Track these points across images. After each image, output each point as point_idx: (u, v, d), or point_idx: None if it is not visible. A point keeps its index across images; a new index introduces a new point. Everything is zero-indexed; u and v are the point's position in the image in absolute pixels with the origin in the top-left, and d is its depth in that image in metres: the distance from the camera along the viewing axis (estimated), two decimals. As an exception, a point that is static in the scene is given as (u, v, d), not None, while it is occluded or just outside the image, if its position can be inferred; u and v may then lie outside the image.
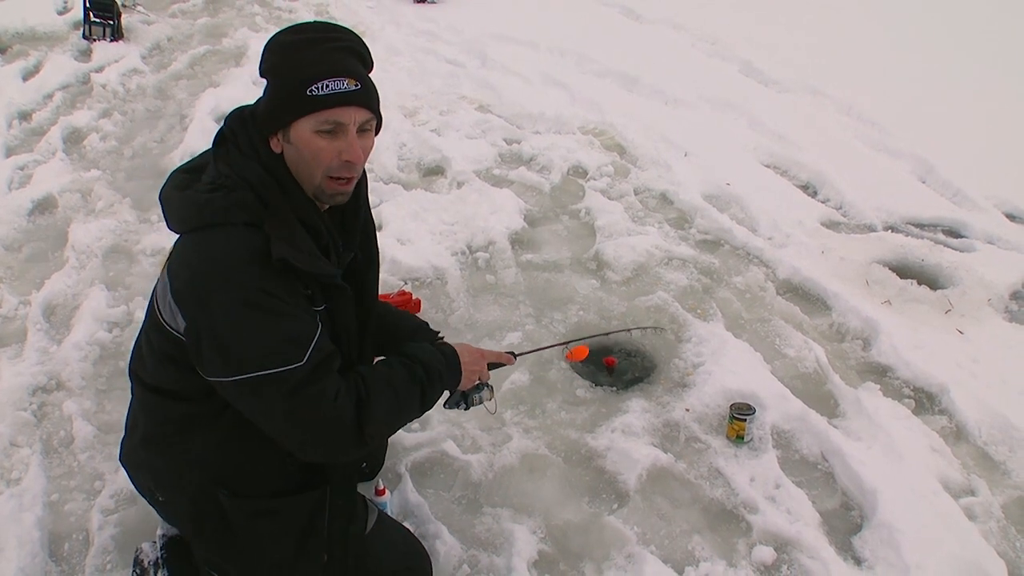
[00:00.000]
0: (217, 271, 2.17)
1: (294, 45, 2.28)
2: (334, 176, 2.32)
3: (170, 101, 7.73)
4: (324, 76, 2.22)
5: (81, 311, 4.45)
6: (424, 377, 2.48)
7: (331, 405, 2.24)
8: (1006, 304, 4.94)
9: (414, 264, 4.94)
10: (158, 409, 2.52)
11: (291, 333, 2.20)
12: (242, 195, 2.23)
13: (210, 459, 2.47)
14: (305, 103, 2.22)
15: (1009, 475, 3.68)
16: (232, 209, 2.21)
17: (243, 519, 2.49)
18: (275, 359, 2.17)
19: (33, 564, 2.98)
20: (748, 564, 3.16)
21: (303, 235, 2.28)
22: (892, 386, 4.20)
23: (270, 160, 2.30)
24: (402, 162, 6.52)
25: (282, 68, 2.28)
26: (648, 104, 8.09)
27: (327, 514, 2.54)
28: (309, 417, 2.23)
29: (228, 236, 2.20)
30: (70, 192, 5.76)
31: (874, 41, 10.25)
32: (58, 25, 9.44)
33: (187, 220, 2.28)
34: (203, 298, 2.17)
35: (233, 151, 2.32)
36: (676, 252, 5.29)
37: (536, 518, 3.33)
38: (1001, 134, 7.46)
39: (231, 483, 2.49)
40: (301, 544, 2.52)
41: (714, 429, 3.82)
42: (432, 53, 9.27)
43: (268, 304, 2.17)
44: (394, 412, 2.42)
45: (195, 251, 2.23)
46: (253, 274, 2.16)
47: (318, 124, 2.24)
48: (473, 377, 2.75)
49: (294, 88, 2.22)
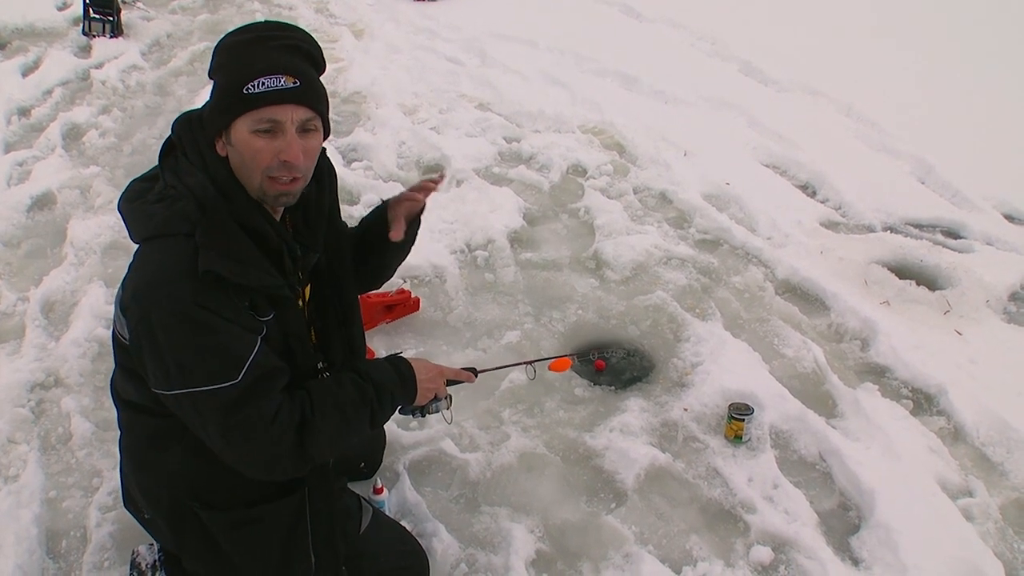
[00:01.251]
0: (154, 284, 2.14)
1: (239, 45, 2.22)
2: (273, 176, 2.22)
3: (170, 98, 7.74)
4: (260, 74, 2.14)
5: (80, 307, 4.45)
6: (374, 397, 2.41)
7: (267, 425, 2.19)
8: (1004, 305, 4.94)
9: (413, 262, 4.88)
10: (131, 424, 2.51)
11: (225, 350, 2.15)
12: (184, 205, 2.18)
13: (182, 473, 2.43)
14: (241, 102, 2.14)
15: (1007, 476, 3.68)
16: (173, 220, 2.17)
17: (222, 531, 2.47)
18: (209, 376, 2.13)
19: (30, 561, 2.98)
20: (746, 564, 3.16)
21: (244, 244, 2.21)
22: (890, 386, 4.20)
23: (215, 165, 2.24)
24: (401, 160, 6.52)
25: (224, 70, 2.21)
26: (648, 103, 8.09)
27: (308, 520, 2.52)
28: (243, 437, 2.19)
29: (167, 248, 2.16)
30: (69, 188, 5.76)
31: (874, 41, 10.25)
32: (58, 21, 9.43)
33: (139, 231, 2.24)
34: (142, 310, 2.14)
35: (180, 159, 2.26)
36: (675, 251, 5.29)
37: (534, 517, 3.33)
38: (1000, 135, 7.46)
39: (205, 496, 2.46)
40: (286, 552, 2.51)
41: (712, 429, 3.82)
42: (432, 51, 9.27)
43: (202, 318, 2.11)
44: (340, 433, 2.35)
45: (138, 263, 2.22)
46: (188, 287, 2.11)
47: (255, 123, 2.16)
48: (428, 394, 2.63)
49: (232, 88, 2.16)
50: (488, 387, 3.97)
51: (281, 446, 2.22)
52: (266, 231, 2.27)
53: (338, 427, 2.32)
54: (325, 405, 2.31)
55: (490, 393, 3.98)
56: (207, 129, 2.25)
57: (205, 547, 2.50)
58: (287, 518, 2.50)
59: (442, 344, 4.36)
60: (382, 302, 4.40)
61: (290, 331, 2.36)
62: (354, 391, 2.38)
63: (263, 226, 2.27)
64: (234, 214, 2.21)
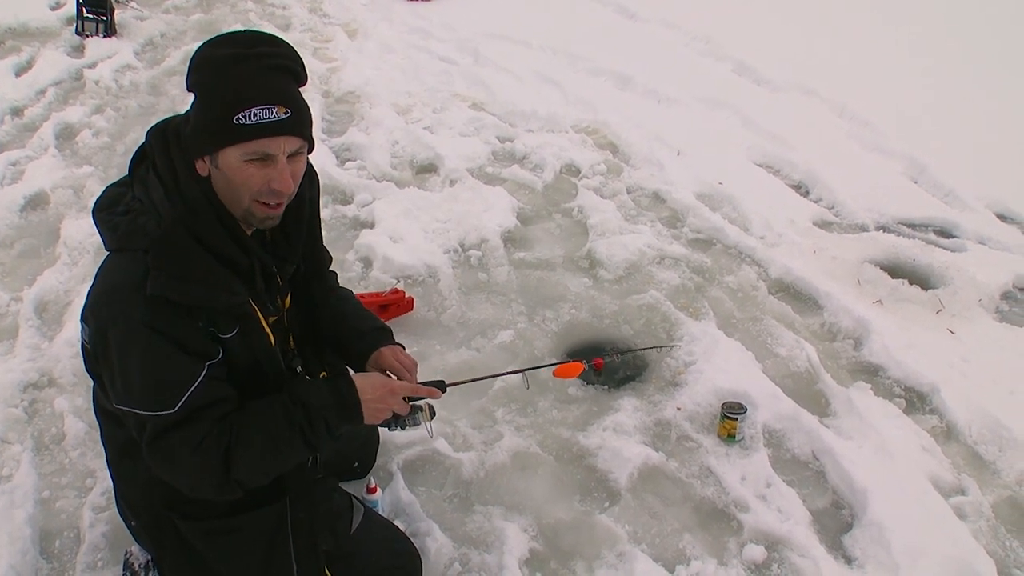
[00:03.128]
0: (110, 298, 2.14)
1: (221, 62, 2.14)
2: (262, 201, 2.22)
3: (163, 97, 7.73)
4: (251, 103, 2.09)
5: (73, 308, 4.44)
6: (304, 422, 2.31)
7: (191, 453, 2.17)
8: (997, 304, 4.95)
9: (406, 262, 4.94)
10: (109, 434, 2.52)
11: (166, 380, 2.14)
12: (145, 220, 2.15)
13: (156, 483, 2.36)
14: (232, 133, 2.10)
15: (999, 474, 3.69)
16: (134, 234, 2.15)
17: (200, 541, 2.47)
18: (146, 402, 2.14)
19: (24, 561, 2.97)
20: (739, 563, 3.16)
21: (201, 263, 2.17)
22: (883, 385, 4.21)
23: (188, 183, 2.20)
24: (395, 160, 6.52)
25: (208, 90, 2.16)
26: (641, 103, 8.09)
27: (289, 528, 2.51)
28: (168, 460, 2.20)
29: (125, 263, 2.16)
30: (62, 188, 5.76)
31: (867, 41, 10.25)
32: (51, 21, 9.42)
33: (106, 241, 2.23)
34: (98, 324, 2.15)
35: (149, 172, 2.24)
36: (668, 251, 5.29)
37: (527, 516, 3.33)
38: (993, 135, 7.47)
39: (180, 506, 2.45)
40: (267, 560, 2.50)
41: (705, 428, 3.83)
42: (425, 51, 9.27)
43: (151, 342, 2.11)
44: (269, 459, 2.30)
45: (100, 274, 2.22)
46: (140, 306, 2.09)
47: (246, 154, 2.13)
48: (380, 414, 2.47)
49: (221, 115, 2.10)
50: (481, 387, 3.97)
51: (204, 472, 2.21)
52: (230, 252, 2.25)
53: (265, 453, 2.28)
54: (250, 432, 2.25)
55: (483, 392, 3.98)
56: (189, 148, 2.21)
57: (184, 556, 2.50)
58: (267, 527, 2.49)
59: (435, 344, 4.36)
60: (376, 302, 4.40)
61: (255, 346, 2.34)
62: (283, 417, 2.30)
63: (227, 247, 2.24)
64: (197, 233, 2.18)
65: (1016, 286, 5.18)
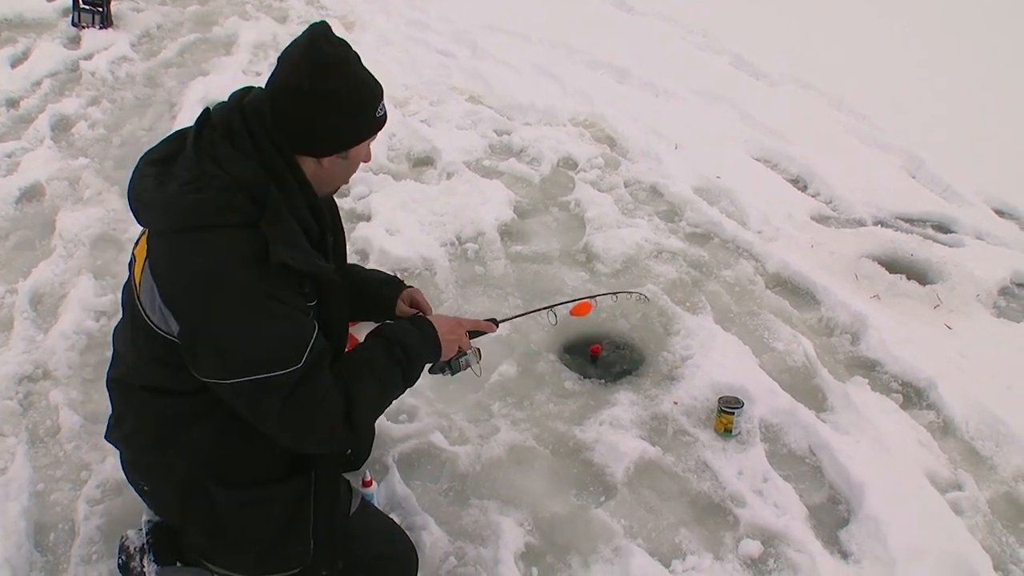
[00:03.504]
0: (215, 274, 2.16)
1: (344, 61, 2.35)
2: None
3: (159, 89, 7.69)
4: (381, 97, 2.43)
5: (68, 300, 4.43)
6: (403, 357, 2.50)
7: (320, 402, 2.27)
8: (994, 299, 4.96)
9: (403, 255, 4.93)
10: (148, 406, 2.50)
11: (290, 337, 2.23)
12: (232, 195, 2.19)
13: (202, 450, 2.47)
14: (375, 124, 2.44)
15: (995, 470, 3.70)
16: (225, 210, 2.18)
17: (233, 509, 2.49)
18: (273, 363, 2.19)
19: (18, 554, 2.97)
20: (735, 557, 3.17)
21: (299, 233, 2.30)
22: (880, 380, 4.21)
23: (274, 159, 2.29)
24: (392, 152, 6.50)
25: (355, 90, 2.37)
26: (639, 96, 8.08)
27: (312, 500, 2.55)
28: (301, 416, 2.26)
29: (222, 238, 2.17)
30: (58, 180, 5.73)
31: (865, 35, 10.26)
32: (47, 12, 9.37)
33: (171, 221, 2.22)
34: (201, 302, 2.16)
35: (221, 145, 2.26)
36: (666, 245, 5.29)
37: (523, 510, 3.33)
38: (991, 130, 7.49)
39: (222, 474, 2.48)
40: (287, 529, 2.53)
41: (702, 422, 3.83)
42: (423, 43, 9.24)
43: (268, 307, 2.18)
44: (378, 397, 2.49)
45: (189, 254, 2.19)
46: (252, 276, 2.16)
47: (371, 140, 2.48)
48: (452, 347, 2.75)
49: (368, 112, 2.39)
50: (478, 380, 3.97)
51: (333, 421, 2.32)
52: (310, 225, 2.40)
53: (377, 392, 2.46)
54: (361, 372, 2.42)
55: (480, 386, 3.98)
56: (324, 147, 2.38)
57: (209, 521, 2.52)
58: (292, 499, 2.53)
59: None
60: (373, 295, 4.39)
61: (332, 315, 2.50)
62: (384, 355, 2.48)
63: (308, 220, 2.38)
64: (290, 209, 2.29)
65: (1014, 281, 5.19)
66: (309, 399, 2.25)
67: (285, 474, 2.54)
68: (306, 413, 2.26)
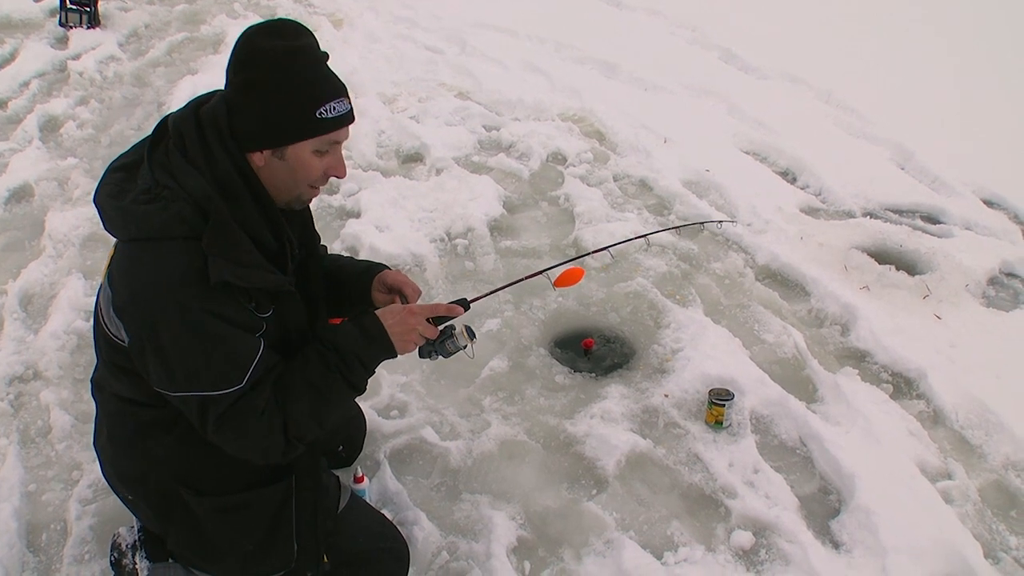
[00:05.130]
0: (158, 290, 2.15)
1: (284, 56, 2.21)
2: (313, 187, 2.41)
3: (148, 88, 7.68)
4: (330, 97, 2.27)
5: (58, 300, 4.42)
6: (339, 361, 2.38)
7: (256, 419, 2.26)
8: (983, 289, 4.96)
9: (392, 251, 4.93)
10: (119, 414, 2.52)
11: (232, 357, 2.21)
12: (181, 207, 2.17)
13: (173, 459, 2.47)
14: (315, 126, 2.26)
15: (985, 459, 3.71)
16: (171, 223, 2.16)
17: (209, 515, 2.49)
18: (216, 382, 2.19)
19: (10, 555, 2.97)
20: (727, 549, 3.17)
21: (247, 247, 2.24)
22: (870, 371, 4.22)
23: (225, 169, 2.24)
24: (381, 149, 6.50)
25: (284, 85, 2.21)
26: (628, 91, 8.08)
27: (294, 506, 2.54)
28: (237, 432, 2.26)
29: (167, 252, 2.17)
30: (47, 180, 5.73)
31: (853, 28, 10.26)
32: (34, 12, 9.34)
33: (127, 230, 2.23)
34: (144, 314, 2.17)
35: (174, 155, 2.24)
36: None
37: (515, 504, 3.34)
38: (979, 121, 7.49)
39: (194, 482, 2.49)
40: (270, 535, 2.53)
41: (693, 415, 3.83)
42: (411, 40, 9.22)
43: (209, 326, 2.16)
44: (319, 407, 2.37)
45: (135, 266, 2.21)
46: (194, 294, 2.14)
47: (319, 145, 2.29)
48: (409, 338, 2.50)
49: (303, 109, 2.23)
50: (469, 375, 3.98)
51: (271, 435, 2.29)
52: (265, 236, 2.32)
53: (315, 404, 2.35)
54: (297, 387, 2.34)
55: (471, 380, 3.98)
56: (253, 140, 2.26)
57: (190, 530, 2.52)
58: (273, 504, 2.53)
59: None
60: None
61: (290, 324, 2.43)
62: (319, 363, 2.38)
63: (262, 232, 2.32)
64: (237, 218, 2.24)
65: (1002, 271, 5.20)
66: (246, 414, 2.25)
67: (265, 479, 2.53)
68: (242, 428, 2.25)
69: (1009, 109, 7.86)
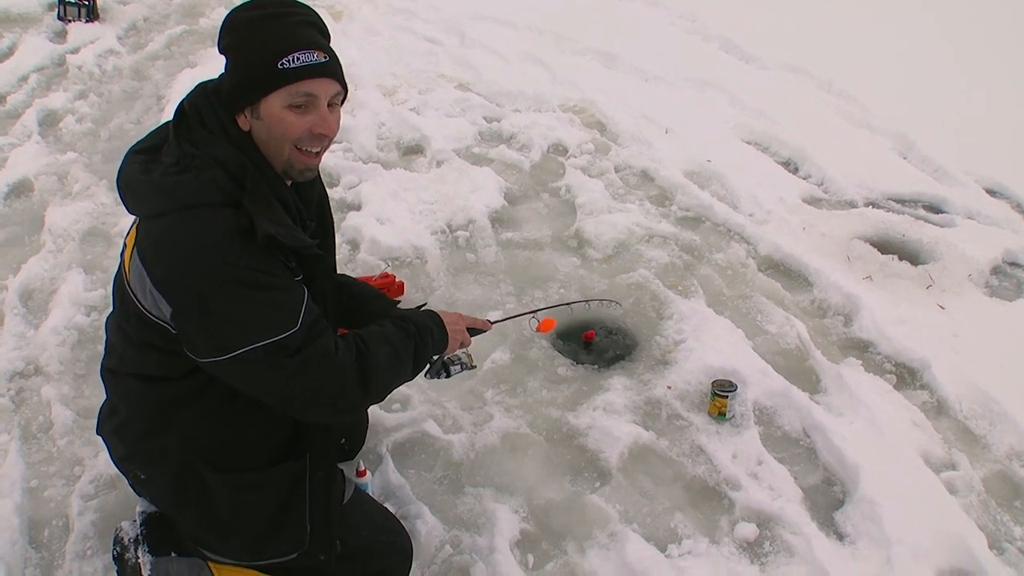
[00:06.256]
0: (201, 252, 2.15)
1: (255, 20, 2.26)
2: (303, 148, 2.33)
3: (147, 82, 7.66)
4: (294, 49, 2.21)
5: (59, 295, 4.41)
6: (417, 334, 2.56)
7: (330, 358, 2.29)
8: (986, 279, 4.96)
9: (393, 243, 4.92)
10: (140, 393, 2.50)
11: (282, 302, 2.23)
12: (214, 174, 2.20)
13: (195, 435, 2.47)
14: (277, 77, 2.21)
15: (989, 449, 3.70)
16: (206, 189, 2.19)
17: (226, 493, 2.49)
18: (270, 329, 2.19)
19: (12, 551, 2.96)
20: (731, 541, 3.16)
21: (280, 211, 2.29)
22: (873, 361, 4.21)
23: (239, 138, 2.29)
24: (381, 141, 6.48)
25: (248, 43, 2.26)
26: (628, 81, 8.06)
27: (307, 486, 2.55)
28: (314, 373, 2.27)
29: (206, 217, 2.18)
30: (46, 175, 5.71)
31: (854, 18, 10.25)
32: (32, 6, 9.31)
33: (156, 204, 2.24)
34: (189, 281, 2.16)
35: (197, 129, 2.29)
36: (657, 229, 5.28)
37: (518, 497, 3.33)
38: (981, 110, 7.49)
39: (215, 458, 2.49)
40: (282, 514, 2.52)
41: (696, 406, 3.83)
42: (410, 32, 9.20)
43: (256, 279, 2.17)
44: (393, 367, 2.48)
45: (174, 235, 2.20)
46: (238, 252, 2.15)
47: (290, 98, 2.24)
48: (458, 339, 2.79)
49: (264, 62, 2.21)
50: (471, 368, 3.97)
51: (345, 377, 2.33)
52: (288, 201, 2.37)
53: (391, 360, 2.47)
54: (377, 340, 2.45)
55: (472, 373, 3.96)
56: (229, 103, 2.30)
57: (205, 508, 2.52)
58: (286, 484, 2.53)
59: (424, 326, 4.35)
60: (365, 286, 4.38)
61: (316, 291, 2.45)
62: (398, 329, 2.54)
63: (287, 196, 2.36)
64: (267, 185, 2.29)
65: (1006, 260, 5.19)
66: (318, 354, 2.27)
67: (279, 458, 2.54)
68: (317, 367, 2.27)
69: (1011, 97, 7.86)
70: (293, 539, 2.54)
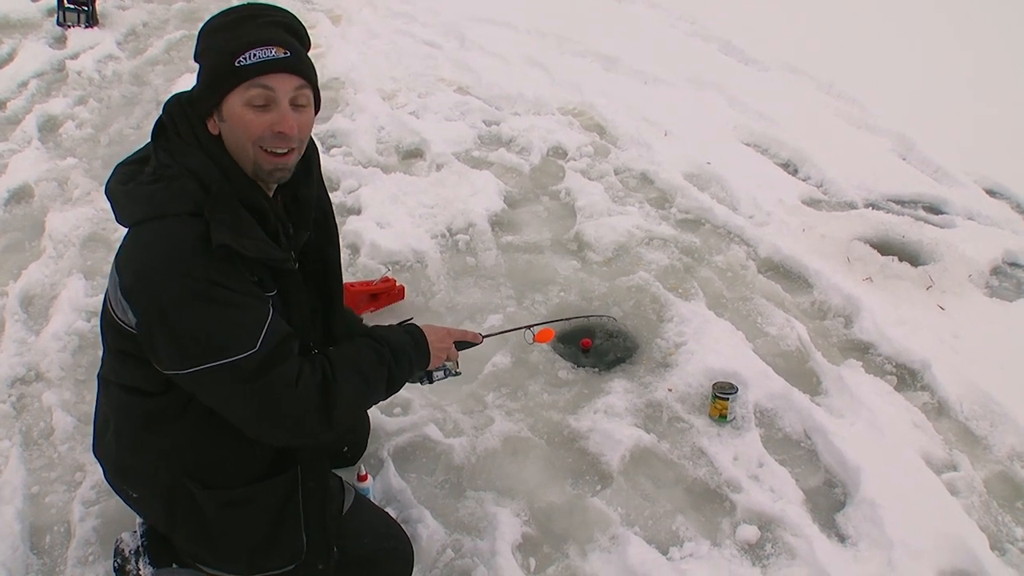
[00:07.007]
0: (162, 263, 2.14)
1: (224, 26, 2.28)
2: (266, 148, 2.27)
3: (146, 87, 7.67)
4: (251, 46, 2.20)
5: (59, 301, 4.41)
6: (391, 359, 2.49)
7: (290, 387, 2.22)
8: (987, 279, 4.96)
9: (394, 247, 4.92)
10: (125, 406, 2.50)
11: (240, 321, 2.18)
12: (183, 183, 2.20)
13: (180, 452, 2.45)
14: (233, 75, 2.20)
15: (990, 450, 3.70)
16: (174, 199, 2.18)
17: (216, 509, 2.48)
18: (227, 349, 2.15)
19: (14, 557, 2.97)
20: (732, 543, 3.16)
21: (248, 220, 2.25)
22: (874, 363, 4.21)
23: (210, 144, 2.28)
24: (380, 145, 6.48)
25: (213, 46, 2.27)
26: (628, 84, 8.06)
27: (300, 497, 2.53)
28: (268, 402, 2.22)
29: (171, 227, 2.17)
30: (46, 181, 5.71)
31: (853, 19, 10.25)
32: (31, 12, 9.32)
33: (133, 213, 2.25)
34: (151, 292, 2.15)
35: (173, 139, 2.29)
36: (657, 232, 5.28)
37: (519, 501, 3.32)
38: (981, 110, 7.49)
39: (202, 475, 2.47)
40: (277, 528, 2.51)
41: (696, 409, 3.82)
42: (409, 35, 9.21)
43: (215, 294, 2.14)
44: (360, 394, 2.43)
45: (140, 244, 2.21)
46: (198, 264, 2.13)
47: (248, 97, 2.21)
48: (441, 356, 2.76)
49: (223, 63, 2.21)
50: (471, 371, 3.96)
51: (306, 407, 2.27)
52: (264, 208, 2.31)
53: (358, 388, 2.40)
54: (344, 367, 2.38)
55: (473, 377, 3.97)
56: (197, 108, 2.29)
57: (197, 524, 2.51)
58: (278, 497, 2.51)
59: (425, 330, 4.35)
60: (367, 291, 4.38)
61: (292, 304, 2.41)
62: (372, 354, 2.47)
63: (262, 204, 2.31)
64: (235, 192, 2.25)
65: (1006, 261, 5.20)
66: (275, 382, 2.20)
67: (269, 472, 2.52)
68: (273, 397, 2.21)
69: (1011, 97, 7.86)
70: (290, 551, 2.54)
